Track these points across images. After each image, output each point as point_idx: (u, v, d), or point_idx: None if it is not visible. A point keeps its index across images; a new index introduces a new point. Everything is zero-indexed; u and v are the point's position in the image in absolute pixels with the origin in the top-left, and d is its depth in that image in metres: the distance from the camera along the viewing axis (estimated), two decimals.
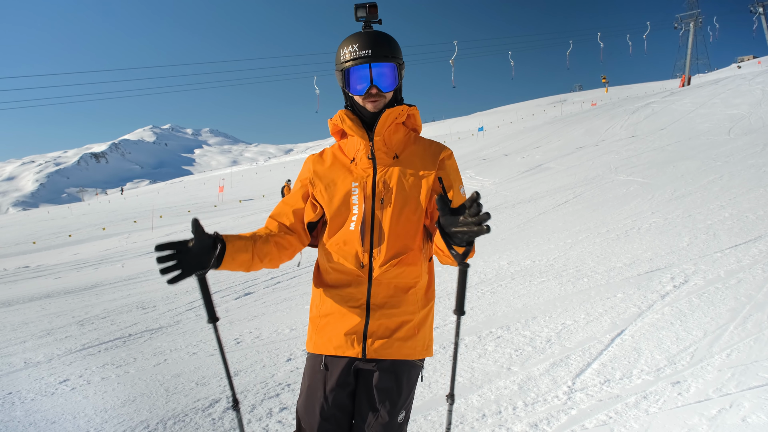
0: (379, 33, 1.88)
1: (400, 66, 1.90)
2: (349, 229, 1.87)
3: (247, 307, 6.21)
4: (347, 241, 1.86)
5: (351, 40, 1.86)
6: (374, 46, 1.82)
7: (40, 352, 5.07)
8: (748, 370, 3.25)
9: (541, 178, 15.47)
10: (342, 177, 1.91)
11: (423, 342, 1.91)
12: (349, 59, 1.84)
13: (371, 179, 1.88)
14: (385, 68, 1.85)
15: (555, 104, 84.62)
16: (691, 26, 54.98)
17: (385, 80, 1.86)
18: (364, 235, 1.85)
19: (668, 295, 4.77)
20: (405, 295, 1.86)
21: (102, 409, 3.63)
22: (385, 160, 1.91)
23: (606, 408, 3.03)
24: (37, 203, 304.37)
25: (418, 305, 1.89)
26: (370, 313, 1.84)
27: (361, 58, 1.82)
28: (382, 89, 1.86)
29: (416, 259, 1.87)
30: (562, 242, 7.52)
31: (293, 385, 3.76)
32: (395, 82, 1.88)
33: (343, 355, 1.86)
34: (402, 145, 1.95)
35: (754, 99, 22.60)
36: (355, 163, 1.93)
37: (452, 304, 5.26)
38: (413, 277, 1.87)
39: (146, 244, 15.69)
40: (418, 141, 1.99)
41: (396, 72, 1.88)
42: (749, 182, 9.57)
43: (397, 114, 1.90)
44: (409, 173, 1.89)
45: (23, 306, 7.56)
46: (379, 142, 1.90)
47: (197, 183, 61.74)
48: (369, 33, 1.87)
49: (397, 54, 1.88)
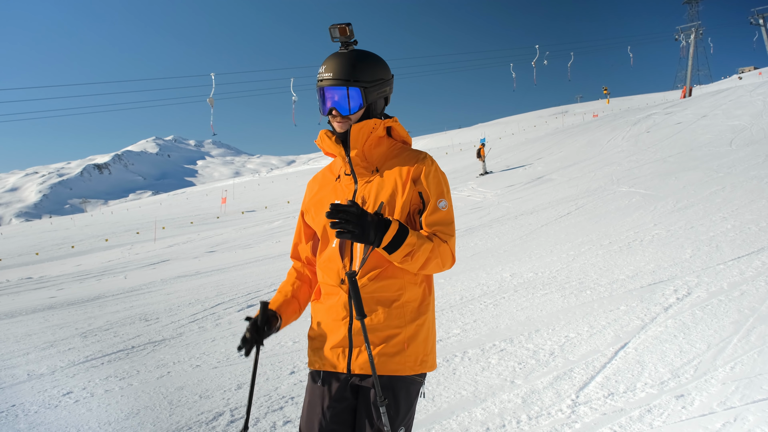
0: (348, 54, 1.88)
1: (366, 88, 1.87)
2: (331, 246, 1.93)
3: None
4: (329, 258, 1.92)
5: (324, 61, 1.90)
6: (336, 69, 1.84)
7: (43, 364, 5.08)
8: (753, 383, 3.24)
9: (543, 189, 15.49)
10: (328, 197, 1.97)
11: (414, 357, 1.86)
12: (317, 81, 1.89)
13: (352, 195, 1.92)
14: (341, 92, 1.86)
15: (556, 115, 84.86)
16: (692, 38, 55.20)
17: (341, 104, 1.87)
18: (343, 251, 1.89)
19: (671, 308, 4.76)
20: (388, 309, 1.84)
21: (106, 422, 3.64)
22: (365, 174, 1.93)
23: (610, 422, 3.03)
24: (40, 214, 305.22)
25: (404, 319, 1.85)
26: (353, 327, 1.85)
27: (324, 80, 1.86)
28: (342, 113, 1.87)
29: (396, 272, 1.85)
30: (565, 254, 7.52)
31: (297, 399, 3.76)
32: (359, 104, 1.88)
33: (332, 370, 1.89)
34: (383, 158, 1.96)
35: (755, 110, 22.65)
36: (339, 180, 1.98)
37: (454, 317, 5.27)
38: (395, 290, 1.85)
39: (149, 255, 15.73)
40: (402, 153, 1.97)
41: (359, 95, 1.86)
42: (751, 193, 9.57)
43: (370, 128, 1.90)
44: (386, 186, 1.89)
45: (26, 317, 7.58)
46: (357, 158, 1.91)
47: (200, 194, 61.87)
48: (337, 55, 1.88)
49: (361, 76, 1.86)
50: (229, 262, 11.71)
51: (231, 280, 8.98)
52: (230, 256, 12.97)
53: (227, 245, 15.57)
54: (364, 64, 1.87)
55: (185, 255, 14.60)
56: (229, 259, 12.30)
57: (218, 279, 9.37)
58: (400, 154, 1.96)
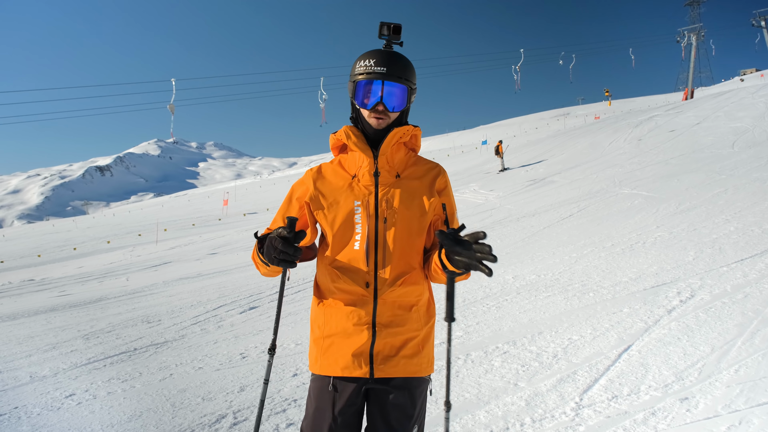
0: (398, 54, 1.91)
1: (411, 90, 1.92)
2: (353, 248, 1.88)
3: (252, 321, 6.21)
4: (352, 260, 1.87)
5: (370, 54, 1.89)
6: (390, 65, 1.85)
7: (45, 366, 5.08)
8: (757, 386, 3.23)
9: (545, 191, 15.47)
10: (344, 195, 1.92)
11: (428, 358, 1.94)
12: (363, 72, 1.87)
13: (374, 197, 1.89)
14: (395, 88, 1.87)
15: (558, 117, 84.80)
16: (694, 40, 55.21)
17: (394, 100, 1.88)
18: (369, 255, 1.86)
19: (675, 310, 4.75)
20: (408, 313, 1.89)
21: (109, 425, 3.63)
22: (388, 178, 1.92)
23: (614, 424, 3.02)
24: (42, 216, 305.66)
25: (420, 322, 1.92)
26: (376, 332, 1.86)
27: (375, 73, 1.85)
28: (389, 108, 1.87)
29: (419, 278, 1.90)
30: (567, 256, 7.51)
31: (300, 401, 3.75)
32: (403, 104, 1.90)
33: (351, 375, 1.86)
34: (403, 165, 1.98)
35: (757, 112, 22.60)
36: (357, 179, 1.94)
37: (457, 319, 5.26)
38: (416, 295, 1.90)
39: (151, 257, 15.73)
40: (418, 161, 2.02)
41: (406, 94, 1.90)
42: (754, 196, 9.55)
43: (402, 134, 1.93)
44: (411, 194, 1.91)
45: (28, 319, 7.58)
46: (383, 161, 1.92)
47: (202, 196, 61.92)
48: (388, 51, 1.90)
49: (410, 77, 1.90)
50: (231, 264, 11.70)
51: (233, 282, 8.98)
52: (232, 258, 12.96)
53: (229, 247, 15.56)
54: (411, 67, 1.92)
55: (187, 257, 14.60)
56: (231, 261, 12.29)
57: (220, 281, 9.37)
58: (417, 162, 2.01)
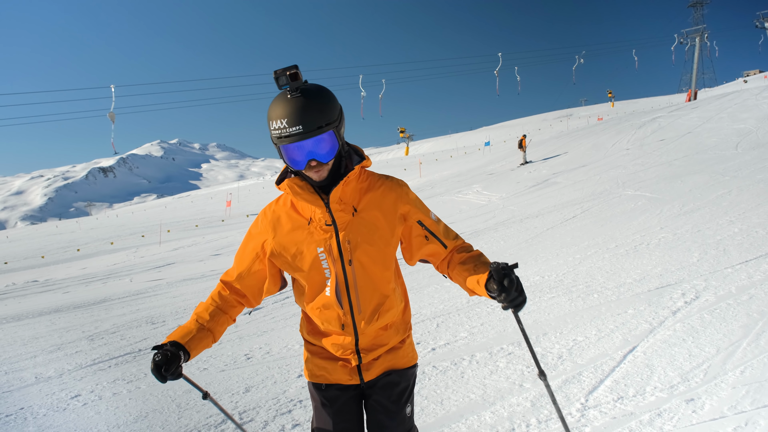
0: (307, 101, 1.68)
1: (337, 126, 1.74)
2: (325, 294, 1.89)
3: (256, 322, 6.23)
4: (326, 306, 1.90)
5: (279, 113, 1.68)
6: (304, 122, 1.65)
7: (50, 367, 5.09)
8: (763, 387, 3.22)
9: (548, 192, 15.46)
10: (306, 243, 1.85)
11: (410, 349, 2.08)
12: (281, 136, 1.68)
13: (335, 241, 1.83)
14: (320, 140, 1.71)
15: (561, 119, 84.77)
16: (697, 41, 55.09)
17: (322, 151, 1.73)
18: (341, 299, 1.88)
19: (679, 311, 4.74)
20: (387, 331, 1.98)
21: (114, 425, 3.65)
22: (344, 217, 1.83)
23: (620, 426, 3.02)
24: (45, 217, 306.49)
25: (399, 331, 2.03)
26: (361, 355, 1.95)
27: (293, 136, 1.66)
28: (322, 161, 1.73)
29: (393, 303, 1.96)
30: (571, 257, 7.50)
31: (305, 401, 3.76)
32: (335, 147, 1.75)
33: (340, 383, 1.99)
34: (357, 195, 1.87)
35: (761, 113, 22.53)
36: (313, 224, 1.85)
37: (462, 320, 5.27)
38: (392, 317, 1.98)
39: (154, 258, 15.77)
40: (372, 185, 1.90)
41: (333, 137, 1.74)
42: (758, 197, 9.52)
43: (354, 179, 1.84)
44: (371, 228, 1.85)
45: (33, 320, 7.61)
46: (335, 201, 1.81)
47: (204, 197, 62.05)
48: (296, 105, 1.67)
49: (330, 116, 1.71)
50: None
51: None
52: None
53: (232, 248, 15.58)
54: (325, 103, 1.71)
55: (190, 258, 14.63)
56: None
57: None
58: (370, 186, 1.90)
